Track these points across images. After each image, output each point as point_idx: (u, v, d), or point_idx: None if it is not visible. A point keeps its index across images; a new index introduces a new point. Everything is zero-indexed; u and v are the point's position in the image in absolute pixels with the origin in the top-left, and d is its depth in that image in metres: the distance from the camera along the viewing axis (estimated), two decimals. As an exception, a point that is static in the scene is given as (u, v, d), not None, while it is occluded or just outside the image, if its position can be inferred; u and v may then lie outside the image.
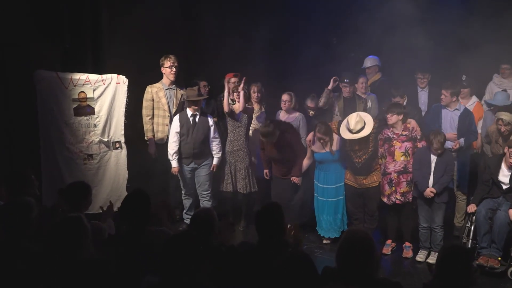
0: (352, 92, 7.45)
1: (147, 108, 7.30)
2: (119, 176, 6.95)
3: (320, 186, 6.91)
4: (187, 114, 7.10)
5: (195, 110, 7.05)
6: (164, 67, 7.32)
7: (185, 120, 7.07)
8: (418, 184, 6.39)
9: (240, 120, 7.25)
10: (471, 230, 6.35)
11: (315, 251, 6.73)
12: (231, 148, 7.30)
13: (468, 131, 6.97)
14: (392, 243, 6.78)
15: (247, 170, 7.28)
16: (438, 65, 7.68)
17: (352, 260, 3.26)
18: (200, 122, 7.08)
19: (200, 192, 7.24)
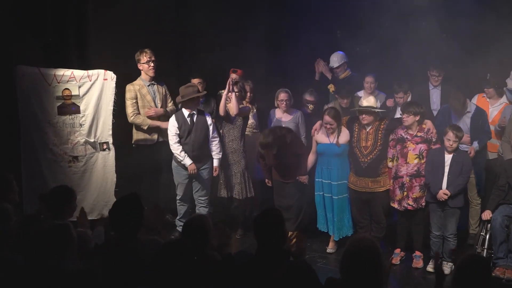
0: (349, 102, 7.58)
1: (133, 106, 7.32)
2: (107, 179, 6.93)
3: (325, 182, 6.93)
4: (183, 114, 7.09)
5: (192, 109, 7.06)
6: (141, 63, 7.38)
7: (183, 121, 7.06)
8: (430, 187, 6.40)
9: (235, 121, 7.26)
10: (486, 238, 6.36)
11: (318, 261, 6.73)
12: (227, 150, 7.31)
13: (481, 132, 7.00)
14: (401, 252, 6.79)
15: (242, 174, 7.28)
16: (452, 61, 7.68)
17: (358, 271, 3.28)
18: (199, 122, 7.08)
19: (197, 197, 7.24)
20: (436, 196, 6.34)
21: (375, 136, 6.66)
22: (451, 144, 6.33)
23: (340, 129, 6.83)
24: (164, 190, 7.59)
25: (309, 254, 6.87)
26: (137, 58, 7.40)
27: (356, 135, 6.76)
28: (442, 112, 7.23)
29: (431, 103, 7.66)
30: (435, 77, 7.62)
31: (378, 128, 6.70)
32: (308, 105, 7.58)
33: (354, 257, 3.30)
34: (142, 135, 7.44)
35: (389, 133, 6.65)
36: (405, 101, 7.27)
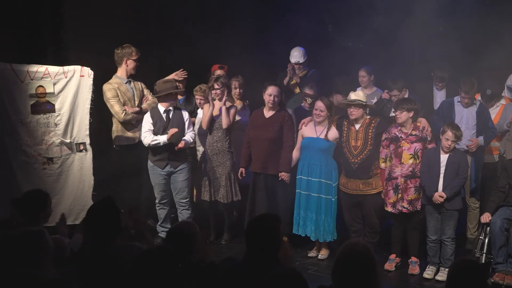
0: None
1: (120, 104, 7.30)
2: (84, 182, 6.90)
3: (304, 179, 6.95)
4: (159, 110, 7.11)
5: (169, 105, 7.07)
6: (131, 59, 7.39)
7: (158, 117, 7.07)
8: (426, 189, 6.43)
9: (219, 120, 7.26)
10: (485, 242, 6.39)
11: (309, 268, 6.74)
12: (210, 151, 7.31)
13: (486, 128, 7.08)
14: (396, 258, 6.81)
15: (228, 176, 7.28)
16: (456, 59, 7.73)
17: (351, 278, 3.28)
18: (175, 118, 7.10)
19: (178, 200, 7.23)
20: (432, 199, 6.37)
21: (365, 135, 6.70)
22: (450, 144, 6.36)
23: (331, 125, 6.86)
24: (146, 193, 7.56)
25: (299, 261, 6.89)
26: (126, 51, 7.38)
27: (345, 134, 6.79)
28: (445, 105, 7.24)
29: (435, 104, 7.71)
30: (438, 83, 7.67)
31: (368, 126, 6.73)
32: (306, 98, 7.60)
33: (347, 263, 3.30)
34: (123, 135, 7.42)
35: (380, 133, 6.68)
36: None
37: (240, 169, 7.27)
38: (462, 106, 7.10)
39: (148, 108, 7.35)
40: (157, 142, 6.98)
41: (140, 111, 7.36)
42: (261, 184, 7.09)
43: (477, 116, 7.09)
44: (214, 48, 8.23)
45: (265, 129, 7.06)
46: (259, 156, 7.09)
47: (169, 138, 6.93)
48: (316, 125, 6.94)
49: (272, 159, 7.04)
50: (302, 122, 7.08)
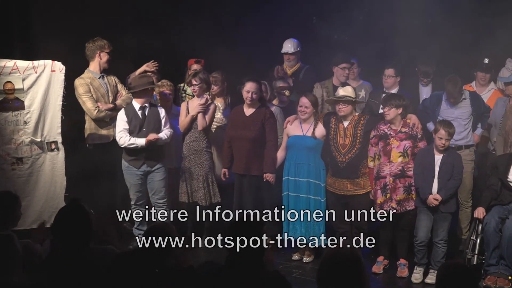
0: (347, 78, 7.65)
1: (92, 100, 7.27)
2: (56, 183, 6.86)
3: (292, 180, 6.95)
4: (134, 107, 7.08)
5: (145, 101, 7.05)
6: (105, 51, 7.38)
7: (133, 115, 7.04)
8: (419, 191, 6.45)
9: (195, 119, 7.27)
10: (476, 243, 6.42)
11: (293, 271, 6.75)
12: (187, 151, 7.29)
13: (481, 114, 7.21)
14: (384, 260, 6.84)
15: (205, 177, 7.26)
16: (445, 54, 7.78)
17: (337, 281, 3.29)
18: (151, 115, 7.08)
19: (155, 201, 7.21)
20: (426, 202, 6.40)
21: (354, 132, 6.72)
22: (444, 143, 6.38)
23: (317, 122, 6.88)
24: (122, 194, 7.54)
25: (283, 264, 6.90)
26: (98, 44, 7.36)
27: (332, 131, 6.81)
28: (432, 99, 7.29)
29: (421, 100, 7.72)
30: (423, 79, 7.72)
31: (357, 123, 6.75)
32: (283, 91, 7.58)
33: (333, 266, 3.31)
34: (96, 133, 7.38)
35: (369, 130, 6.70)
36: (395, 84, 7.40)
37: (223, 170, 7.27)
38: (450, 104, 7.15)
39: (122, 105, 7.34)
40: (135, 145, 6.97)
41: (114, 107, 7.34)
42: (246, 186, 7.09)
43: (472, 106, 7.15)
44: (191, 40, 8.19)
45: (245, 128, 7.05)
46: (241, 156, 7.09)
47: (147, 142, 6.92)
48: (301, 123, 6.95)
49: (255, 159, 7.03)
50: (287, 121, 7.09)
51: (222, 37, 8.66)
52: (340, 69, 7.67)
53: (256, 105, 7.09)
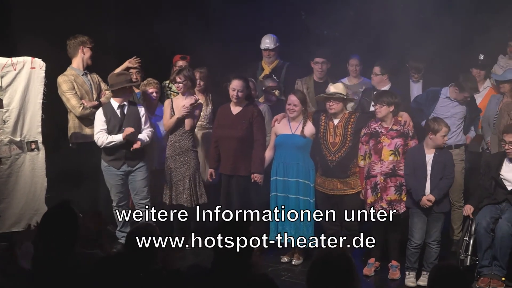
0: (325, 74, 7.60)
1: (77, 98, 7.25)
2: (36, 184, 6.85)
3: (280, 180, 6.94)
4: (112, 106, 7.07)
5: (123, 100, 7.04)
6: (87, 46, 7.38)
7: (112, 114, 7.03)
8: (412, 192, 6.45)
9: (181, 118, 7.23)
10: (469, 244, 6.44)
11: (282, 274, 6.74)
12: (172, 151, 7.26)
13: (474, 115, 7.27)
14: (375, 262, 6.84)
15: (192, 178, 7.22)
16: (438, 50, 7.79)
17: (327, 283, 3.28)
18: (130, 114, 7.07)
19: (137, 201, 7.21)
20: (420, 203, 6.40)
21: (344, 131, 6.72)
22: (446, 140, 6.47)
23: (306, 120, 6.88)
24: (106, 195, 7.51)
25: (272, 267, 6.90)
26: (81, 40, 7.37)
27: (322, 129, 6.81)
28: (429, 95, 7.26)
29: (412, 98, 7.73)
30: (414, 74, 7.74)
31: (347, 122, 6.76)
32: (273, 91, 7.58)
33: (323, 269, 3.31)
34: (80, 132, 7.36)
35: (359, 128, 6.71)
36: (382, 82, 7.43)
37: (210, 171, 7.25)
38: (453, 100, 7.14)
39: (107, 102, 7.32)
40: (113, 143, 6.96)
41: (99, 105, 7.32)
42: (233, 187, 7.08)
43: (467, 107, 7.20)
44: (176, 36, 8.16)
45: (232, 127, 7.04)
46: (228, 156, 7.08)
47: (124, 137, 6.89)
48: (290, 121, 6.94)
49: (243, 159, 7.03)
50: (274, 119, 7.08)
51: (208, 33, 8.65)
52: (314, 64, 7.71)
53: (243, 103, 7.08)
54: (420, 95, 7.46)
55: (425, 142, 6.50)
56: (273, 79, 7.70)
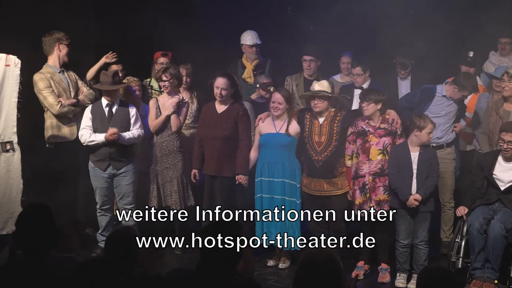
0: (315, 72, 7.62)
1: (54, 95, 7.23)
2: (12, 187, 6.79)
3: (265, 180, 6.94)
4: (101, 104, 7.07)
5: (112, 99, 7.04)
6: (63, 43, 7.37)
7: (99, 112, 7.01)
8: (398, 193, 6.46)
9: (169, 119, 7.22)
10: (461, 246, 6.47)
11: (268, 278, 6.76)
12: (159, 152, 7.25)
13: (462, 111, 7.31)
14: (365, 265, 6.86)
15: (180, 180, 7.23)
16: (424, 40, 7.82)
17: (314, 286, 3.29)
18: (119, 113, 7.05)
19: (122, 206, 7.18)
20: (406, 203, 6.42)
21: (330, 129, 6.73)
22: (432, 137, 6.51)
23: (291, 118, 6.88)
24: (84, 198, 7.50)
25: (258, 271, 6.89)
26: (56, 37, 7.36)
27: (307, 128, 6.81)
28: (424, 92, 7.24)
29: (400, 96, 7.77)
30: (401, 71, 7.75)
31: (333, 120, 6.76)
32: (268, 87, 7.54)
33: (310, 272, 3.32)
34: (58, 131, 7.32)
35: (346, 127, 6.72)
36: (365, 80, 7.44)
37: (193, 171, 7.23)
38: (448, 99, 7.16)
39: (85, 101, 7.34)
40: (95, 142, 6.94)
41: (77, 103, 7.31)
42: (217, 188, 7.07)
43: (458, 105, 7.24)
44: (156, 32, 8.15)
45: (217, 126, 7.03)
46: (213, 156, 7.06)
47: (107, 138, 6.86)
48: (274, 120, 6.94)
49: (227, 160, 7.02)
50: (258, 118, 7.07)
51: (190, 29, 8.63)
52: (302, 61, 7.74)
53: (228, 102, 7.08)
54: (412, 92, 7.46)
55: (410, 140, 6.52)
56: (267, 76, 7.69)
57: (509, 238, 6.29)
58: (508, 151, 6.34)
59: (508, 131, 6.33)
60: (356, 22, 8.17)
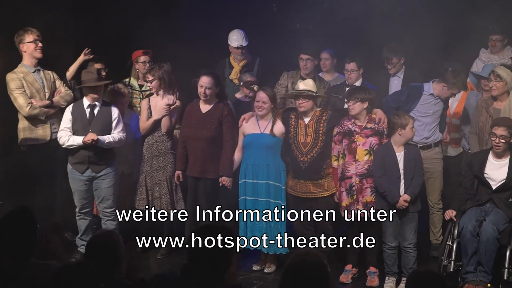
0: (311, 71, 7.66)
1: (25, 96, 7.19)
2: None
3: (249, 182, 6.93)
4: (82, 105, 7.02)
5: (95, 99, 6.98)
6: (25, 43, 7.31)
7: (80, 113, 6.97)
8: (387, 195, 6.46)
9: None
10: (453, 248, 6.49)
11: (254, 283, 6.76)
12: (149, 154, 7.26)
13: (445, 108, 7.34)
14: (352, 268, 6.87)
15: (169, 183, 7.23)
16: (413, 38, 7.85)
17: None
18: (101, 115, 7.01)
19: (102, 209, 7.16)
20: (396, 205, 6.43)
21: (316, 130, 6.72)
22: (415, 131, 6.54)
23: (276, 118, 6.87)
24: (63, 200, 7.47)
25: (244, 275, 6.89)
26: (19, 38, 7.32)
27: (293, 128, 6.79)
28: (412, 91, 7.23)
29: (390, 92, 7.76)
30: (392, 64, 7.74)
31: (319, 120, 6.75)
32: (252, 86, 7.49)
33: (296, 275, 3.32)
34: (31, 133, 7.28)
35: (332, 127, 6.71)
36: (358, 78, 7.47)
37: (177, 172, 7.21)
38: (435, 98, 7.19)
39: (61, 102, 7.30)
40: (73, 146, 6.91)
41: (50, 104, 7.28)
42: (201, 190, 7.06)
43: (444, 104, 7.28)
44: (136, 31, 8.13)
45: (201, 126, 7.02)
46: (197, 158, 7.05)
47: (84, 141, 6.83)
48: (258, 120, 6.93)
49: (212, 161, 7.01)
50: (242, 118, 7.05)
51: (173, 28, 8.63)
52: (299, 59, 7.73)
53: (213, 101, 7.07)
54: (399, 91, 7.45)
55: (393, 140, 6.51)
56: (251, 74, 7.67)
57: (502, 240, 6.32)
58: (499, 146, 6.38)
59: (499, 125, 6.38)
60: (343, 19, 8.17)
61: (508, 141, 6.39)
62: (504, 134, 6.35)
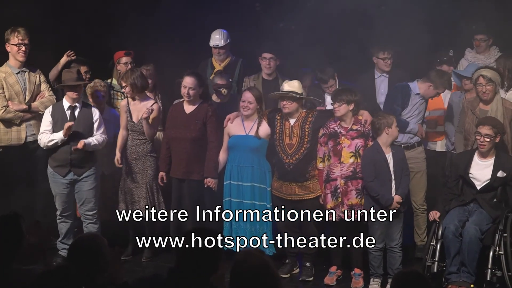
0: (274, 71, 7.66)
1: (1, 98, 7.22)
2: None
3: (234, 184, 6.99)
4: (62, 106, 7.04)
5: (75, 100, 7.00)
6: (10, 44, 7.32)
7: (60, 115, 6.97)
8: (380, 199, 6.48)
9: (139, 122, 7.22)
10: (437, 249, 6.56)
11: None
12: (129, 155, 7.29)
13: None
14: (337, 270, 6.89)
15: (149, 187, 7.26)
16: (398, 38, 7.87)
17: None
18: (81, 117, 7.02)
19: (84, 212, 7.16)
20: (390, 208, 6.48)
21: (301, 131, 6.76)
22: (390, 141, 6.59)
23: (261, 119, 6.92)
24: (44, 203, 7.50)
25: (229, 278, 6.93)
26: (6, 38, 7.30)
27: (278, 130, 6.83)
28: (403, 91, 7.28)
29: (378, 95, 7.84)
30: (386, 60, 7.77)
31: (304, 121, 6.79)
32: (220, 89, 7.55)
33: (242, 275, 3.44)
34: (5, 134, 7.31)
35: (318, 128, 6.75)
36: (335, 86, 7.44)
37: (160, 174, 7.24)
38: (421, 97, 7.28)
39: (40, 107, 7.30)
40: (54, 141, 6.91)
41: (28, 109, 7.29)
42: (185, 192, 7.10)
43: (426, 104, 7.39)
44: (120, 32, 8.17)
45: (185, 127, 7.05)
46: (181, 159, 7.08)
47: (65, 134, 6.84)
48: (244, 120, 6.98)
49: (196, 163, 7.04)
50: (227, 119, 7.07)
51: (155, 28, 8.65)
52: (261, 60, 7.71)
53: (197, 102, 7.10)
54: (392, 97, 7.40)
55: (381, 141, 6.55)
56: (222, 77, 7.60)
57: (485, 241, 6.40)
58: (484, 145, 6.46)
59: (485, 124, 6.46)
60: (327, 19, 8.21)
61: (493, 140, 6.47)
62: (489, 133, 6.43)
